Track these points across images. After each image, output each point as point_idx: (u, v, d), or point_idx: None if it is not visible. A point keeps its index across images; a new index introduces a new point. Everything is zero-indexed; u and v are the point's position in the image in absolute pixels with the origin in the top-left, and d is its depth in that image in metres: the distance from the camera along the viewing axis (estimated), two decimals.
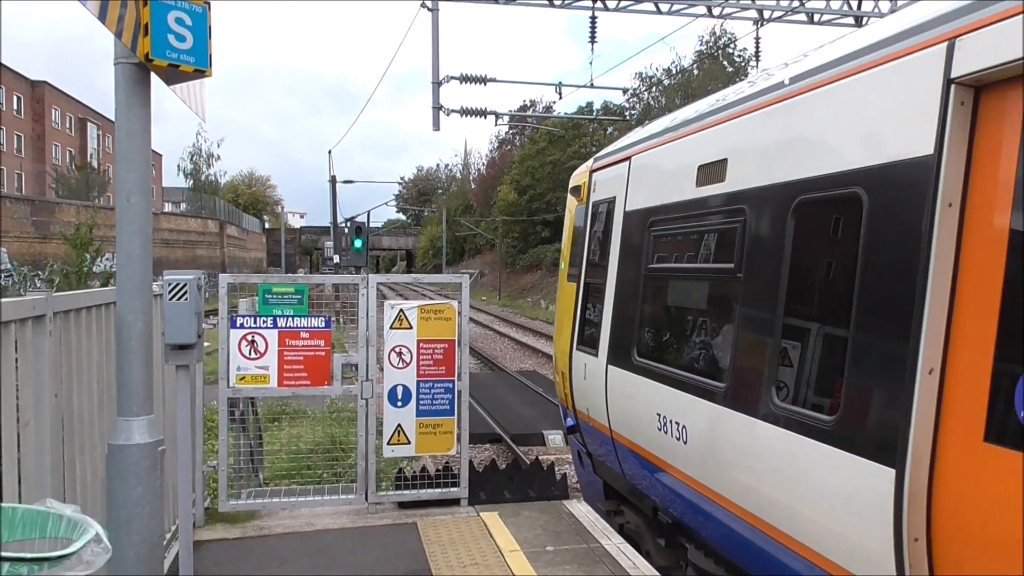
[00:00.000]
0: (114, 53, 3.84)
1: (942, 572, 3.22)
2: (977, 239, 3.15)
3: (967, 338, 3.14)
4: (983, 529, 3.02)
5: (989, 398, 3.01)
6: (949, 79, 3.22)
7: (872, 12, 18.29)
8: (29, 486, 3.53)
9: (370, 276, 6.79)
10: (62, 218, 39.80)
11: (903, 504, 3.24)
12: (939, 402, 3.23)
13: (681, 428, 5.26)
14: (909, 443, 3.22)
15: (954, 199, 3.20)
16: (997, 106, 3.13)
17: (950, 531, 3.17)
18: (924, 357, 3.21)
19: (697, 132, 5.58)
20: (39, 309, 3.67)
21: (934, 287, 3.20)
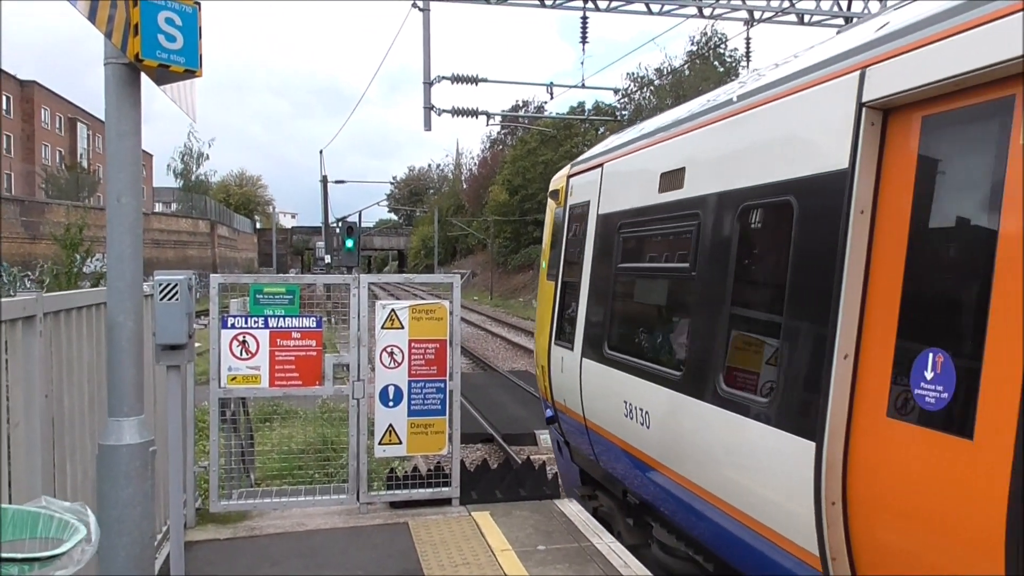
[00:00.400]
0: (104, 53, 3.83)
1: (856, 531, 3.65)
2: (884, 242, 3.61)
3: (875, 327, 3.59)
4: (888, 492, 3.46)
5: (891, 379, 3.46)
6: (861, 103, 3.71)
7: (862, 13, 18.38)
8: (19, 487, 3.53)
9: (361, 276, 6.80)
10: (52, 218, 39.61)
11: (822, 473, 3.70)
12: (853, 384, 3.67)
13: (644, 414, 5.75)
14: (827, 419, 3.68)
15: (866, 207, 3.67)
16: (902, 127, 3.61)
17: (862, 495, 3.62)
18: (840, 344, 3.66)
19: (660, 142, 6.06)
20: (29, 309, 3.67)
21: (848, 283, 3.67)
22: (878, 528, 3.57)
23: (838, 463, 3.68)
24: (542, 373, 8.56)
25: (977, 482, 3.00)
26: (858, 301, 3.67)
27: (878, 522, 3.56)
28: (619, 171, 6.86)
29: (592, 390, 6.93)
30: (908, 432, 3.36)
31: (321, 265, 39.56)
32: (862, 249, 3.67)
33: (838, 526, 3.71)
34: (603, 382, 6.65)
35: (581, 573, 5.55)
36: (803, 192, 4.12)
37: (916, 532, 3.37)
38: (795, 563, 4.03)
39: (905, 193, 3.54)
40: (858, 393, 3.65)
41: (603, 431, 6.68)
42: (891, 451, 3.45)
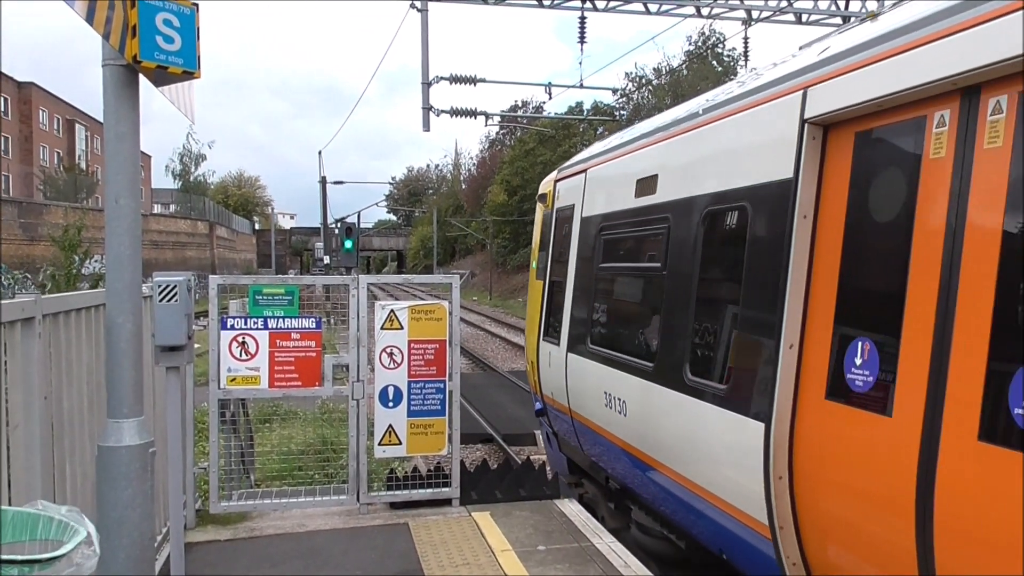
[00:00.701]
0: (102, 55, 3.83)
1: (801, 502, 4.11)
2: (823, 244, 4.06)
3: (816, 319, 4.05)
4: (827, 466, 3.92)
5: (829, 365, 3.91)
6: (804, 119, 4.13)
7: (859, 12, 18.39)
8: (19, 489, 3.53)
9: (361, 277, 6.79)
10: (50, 220, 39.57)
11: (770, 450, 4.13)
12: (797, 370, 4.11)
13: (621, 402, 6.22)
14: (774, 402, 4.11)
15: (808, 212, 4.12)
16: (839, 141, 4.05)
17: (805, 470, 4.06)
18: (786, 335, 4.11)
19: (637, 150, 6.50)
20: (28, 311, 3.66)
21: (793, 281, 4.11)
22: (819, 499, 4.00)
23: (784, 442, 4.13)
24: (532, 368, 9.00)
25: (894, 453, 3.44)
26: (802, 296, 4.12)
27: (819, 494, 4.00)
28: (601, 176, 7.31)
29: (576, 382, 7.35)
30: (842, 412, 3.80)
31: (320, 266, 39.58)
32: (805, 250, 4.13)
33: (785, 498, 4.15)
34: (586, 375, 7.08)
35: (581, 573, 5.55)
36: (755, 198, 4.56)
37: (849, 500, 3.81)
38: (750, 534, 4.44)
39: (841, 200, 3.99)
40: (802, 378, 4.10)
41: (586, 421, 7.13)
42: (829, 430, 3.91)
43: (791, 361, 4.10)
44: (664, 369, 5.51)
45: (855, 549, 3.80)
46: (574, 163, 8.39)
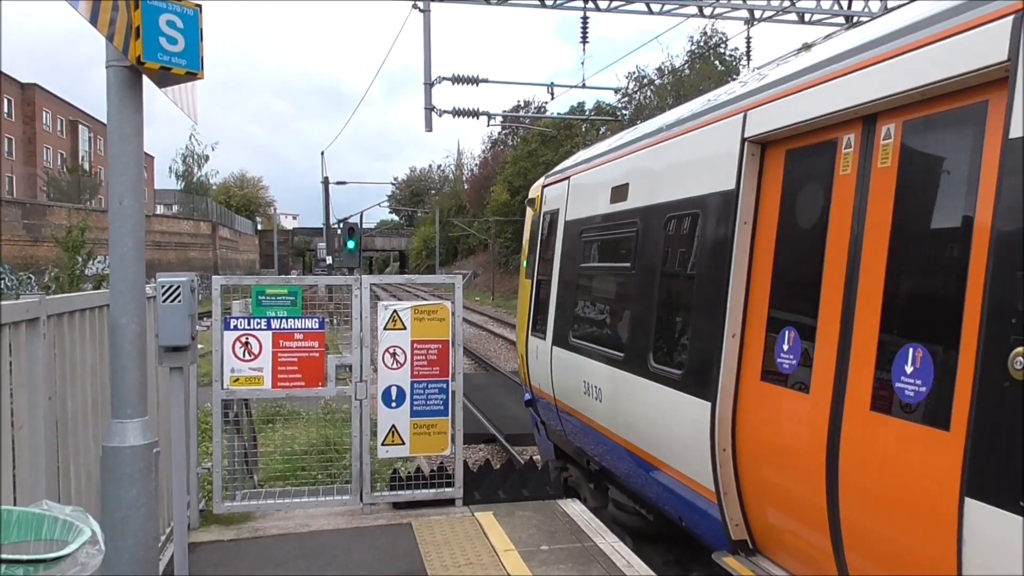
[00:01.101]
0: (106, 56, 3.84)
1: (743, 470, 4.72)
2: (761, 246, 4.66)
3: (754, 312, 4.66)
4: (762, 438, 4.53)
5: (763, 352, 4.51)
6: (744, 138, 4.74)
7: (862, 12, 18.37)
8: (24, 489, 3.54)
9: (363, 277, 6.80)
10: (53, 221, 39.60)
11: (716, 426, 4.75)
12: (739, 356, 4.72)
13: (598, 390, 6.84)
14: (719, 384, 4.74)
15: (748, 219, 4.73)
16: (773, 157, 4.65)
17: (746, 441, 4.67)
18: (729, 326, 4.74)
19: (612, 160, 7.12)
20: (33, 312, 3.67)
21: (735, 278, 4.73)
22: (757, 467, 4.63)
23: (728, 418, 4.76)
24: (522, 361, 9.73)
25: (811, 423, 4.07)
26: (742, 292, 4.74)
27: (756, 462, 4.63)
28: (582, 183, 7.92)
29: (560, 373, 8.00)
30: (773, 391, 4.44)
31: (323, 266, 39.57)
32: (745, 251, 4.74)
33: (728, 467, 4.79)
34: (568, 366, 7.71)
35: (584, 573, 5.55)
36: (705, 206, 5.18)
37: (779, 466, 4.43)
38: (701, 500, 5.07)
39: (774, 208, 4.59)
40: (743, 363, 4.71)
41: (569, 408, 7.81)
42: (763, 407, 4.54)
43: (733, 348, 4.75)
44: (632, 358, 6.16)
45: (783, 508, 4.45)
46: (559, 170, 9.04)
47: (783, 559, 4.59)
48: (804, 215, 4.38)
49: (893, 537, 3.52)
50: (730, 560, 4.78)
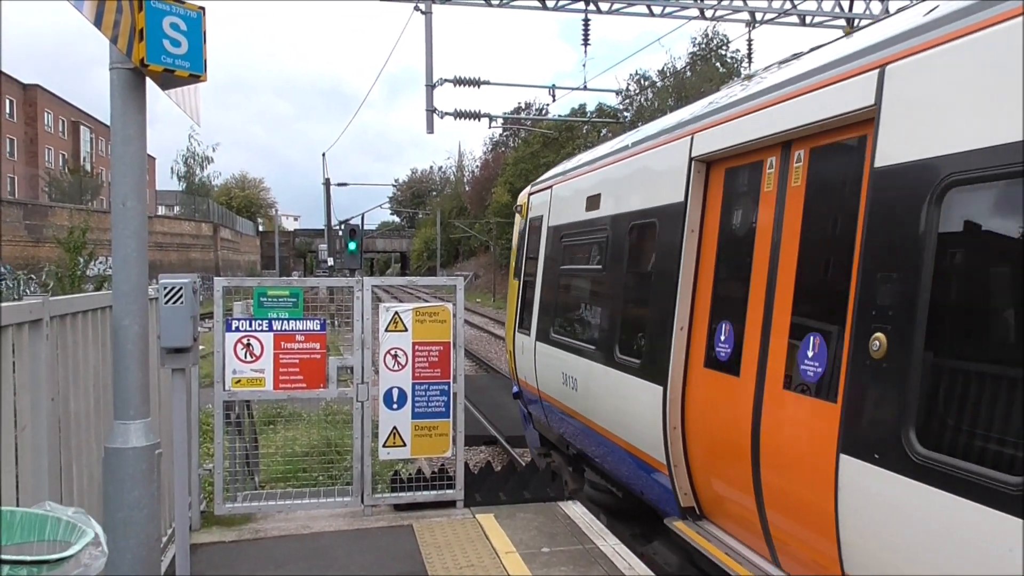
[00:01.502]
0: (109, 58, 3.86)
1: (691, 445, 5.41)
2: (705, 251, 5.40)
3: (699, 308, 5.39)
4: (706, 417, 5.20)
5: (706, 342, 5.24)
6: (691, 157, 5.49)
7: (863, 14, 18.38)
8: (26, 490, 3.54)
9: (365, 279, 6.80)
10: (55, 222, 39.59)
11: (667, 407, 5.47)
12: (687, 347, 5.44)
13: (574, 380, 7.52)
14: (669, 371, 5.46)
15: (695, 227, 5.47)
16: (715, 174, 5.40)
17: (692, 420, 5.38)
18: (678, 320, 5.48)
19: (589, 172, 7.88)
20: (36, 313, 3.68)
21: (683, 278, 5.47)
22: (701, 442, 5.29)
23: (677, 400, 5.47)
24: (510, 357, 10.49)
25: (740, 402, 4.71)
26: (690, 290, 5.47)
27: (701, 438, 5.30)
28: (563, 193, 8.67)
29: (542, 366, 8.70)
30: (714, 376, 5.14)
31: (324, 268, 39.56)
32: (692, 256, 5.47)
33: (678, 443, 5.48)
34: (549, 359, 8.41)
35: (585, 574, 5.56)
36: (661, 216, 5.89)
37: (717, 441, 5.04)
38: (656, 473, 5.76)
39: (716, 218, 5.32)
40: (690, 352, 5.43)
41: (550, 398, 8.49)
42: (706, 389, 5.23)
43: (682, 340, 5.48)
44: (602, 350, 6.89)
45: (722, 477, 5.11)
46: (544, 179, 9.86)
47: (723, 522, 5.28)
48: (739, 225, 5.13)
49: (794, 491, 4.21)
50: (679, 524, 5.49)
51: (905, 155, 3.53)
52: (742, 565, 4.72)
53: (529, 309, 9.36)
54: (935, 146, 3.36)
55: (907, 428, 3.34)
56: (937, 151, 3.34)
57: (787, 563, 4.50)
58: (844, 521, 3.70)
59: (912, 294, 3.37)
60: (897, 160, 3.57)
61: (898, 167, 3.56)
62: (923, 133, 3.46)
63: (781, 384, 4.37)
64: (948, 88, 3.36)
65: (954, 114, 3.31)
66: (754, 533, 4.77)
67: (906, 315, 3.40)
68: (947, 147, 3.29)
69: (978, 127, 3.16)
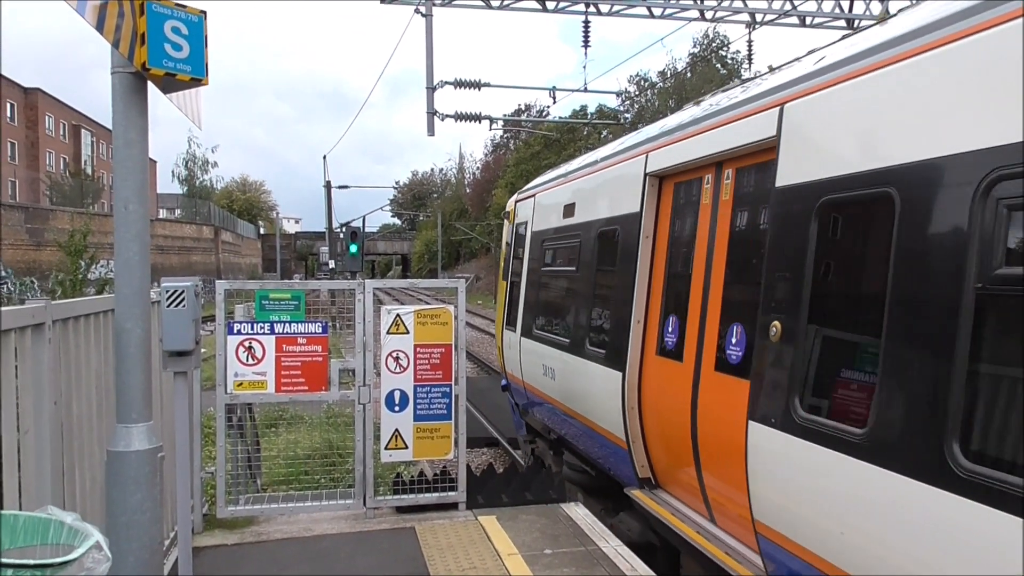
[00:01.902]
0: (111, 62, 3.86)
1: (647, 424, 6.19)
2: (657, 255, 6.23)
3: (653, 304, 6.20)
4: (658, 398, 5.99)
5: (658, 333, 6.05)
6: (646, 172, 6.32)
7: (863, 15, 18.38)
8: (29, 493, 3.54)
9: (366, 281, 6.80)
10: (56, 225, 39.63)
11: (625, 390, 6.27)
12: (643, 338, 6.23)
13: (552, 371, 8.37)
14: (627, 359, 6.28)
15: (649, 234, 6.30)
16: (667, 188, 6.22)
17: (647, 401, 6.16)
18: (635, 315, 6.28)
19: (566, 183, 8.78)
20: (38, 317, 3.69)
21: (639, 278, 6.31)
22: (654, 420, 6.07)
23: (635, 384, 6.26)
24: (499, 352, 11.40)
25: (682, 384, 5.50)
26: (645, 289, 6.27)
27: (654, 416, 6.07)
28: (544, 201, 9.58)
29: (527, 359, 9.49)
30: (663, 362, 5.95)
31: (325, 270, 39.58)
32: (647, 258, 6.31)
33: (635, 422, 6.27)
34: (532, 352, 9.22)
35: (588, 575, 5.56)
36: (623, 223, 6.71)
37: (668, 419, 5.78)
38: (618, 449, 6.53)
39: (666, 226, 6.15)
40: (645, 343, 6.22)
41: (533, 388, 9.29)
42: (658, 374, 6.00)
43: (638, 332, 6.28)
44: (575, 343, 7.65)
45: (670, 449, 5.86)
46: (528, 188, 10.77)
47: (674, 489, 6.10)
48: (683, 233, 5.94)
49: (720, 456, 4.97)
50: (637, 493, 6.31)
51: (796, 178, 4.28)
52: (685, 523, 5.54)
53: (515, 307, 10.19)
54: (816, 171, 4.10)
55: (794, 397, 4.07)
56: (817, 176, 4.09)
57: (720, 519, 5.32)
58: (752, 476, 4.42)
59: (798, 289, 4.15)
60: (790, 181, 4.32)
61: (790, 187, 4.32)
62: (808, 160, 4.21)
63: (713, 366, 5.20)
64: (824, 124, 4.16)
65: (828, 146, 4.11)
66: (695, 496, 5.59)
67: (794, 306, 4.17)
68: (823, 173, 4.04)
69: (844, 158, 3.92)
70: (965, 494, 2.96)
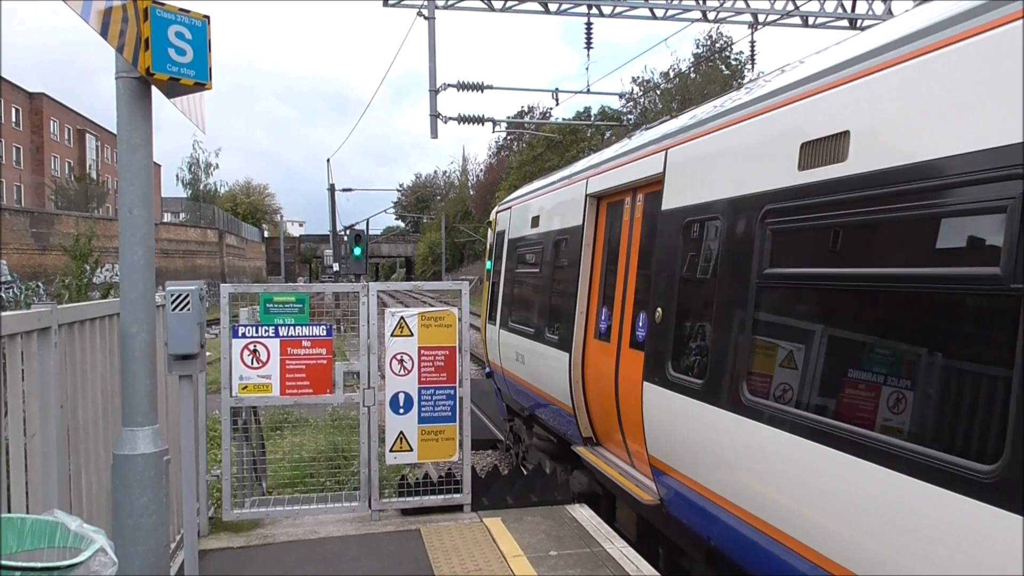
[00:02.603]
0: (115, 67, 3.88)
1: (588, 394, 7.53)
2: (596, 260, 7.59)
3: (593, 298, 7.59)
4: (595, 374, 7.29)
5: (595, 322, 7.44)
6: (587, 194, 7.76)
7: (866, 15, 18.36)
8: (36, 496, 3.56)
9: (370, 284, 6.81)
10: (61, 229, 39.74)
11: (571, 367, 7.64)
12: (585, 325, 7.64)
13: (522, 356, 9.83)
14: (572, 342, 7.67)
15: (589, 243, 7.73)
16: (603, 206, 7.62)
17: (588, 375, 7.50)
18: (579, 307, 7.69)
19: (534, 198, 10.43)
20: (44, 321, 3.70)
21: (582, 279, 7.70)
22: (593, 390, 7.43)
23: (579, 362, 7.66)
24: (483, 343, 13.10)
25: (610, 360, 6.85)
26: (587, 286, 7.71)
27: (593, 387, 7.43)
28: (518, 212, 11.12)
29: (504, 349, 10.88)
30: (599, 344, 7.30)
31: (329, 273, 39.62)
32: (588, 262, 7.73)
33: (580, 393, 7.66)
34: (508, 342, 10.69)
35: None
36: (571, 234, 8.19)
37: (601, 389, 7.11)
38: (568, 416, 7.97)
39: (602, 237, 7.59)
40: (588, 329, 7.64)
41: (509, 373, 10.74)
42: (595, 353, 7.39)
43: (581, 320, 7.71)
44: (538, 332, 9.08)
45: (603, 412, 7.22)
46: (507, 200, 12.50)
47: (608, 444, 7.46)
48: (613, 242, 7.35)
49: (631, 411, 6.31)
50: (581, 449, 7.67)
51: (673, 203, 5.79)
52: (612, 468, 6.89)
53: (495, 304, 11.76)
54: (683, 199, 5.64)
55: (668, 361, 5.53)
56: (683, 203, 5.62)
57: (635, 462, 6.64)
58: (646, 422, 5.85)
59: (672, 283, 5.68)
60: (670, 206, 5.83)
61: (670, 209, 5.81)
62: (679, 191, 5.75)
63: (628, 344, 6.59)
64: (688, 166, 5.70)
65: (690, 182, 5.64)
66: (620, 446, 6.95)
67: (670, 296, 5.68)
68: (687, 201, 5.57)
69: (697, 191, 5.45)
70: (749, 416, 4.43)
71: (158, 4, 3.76)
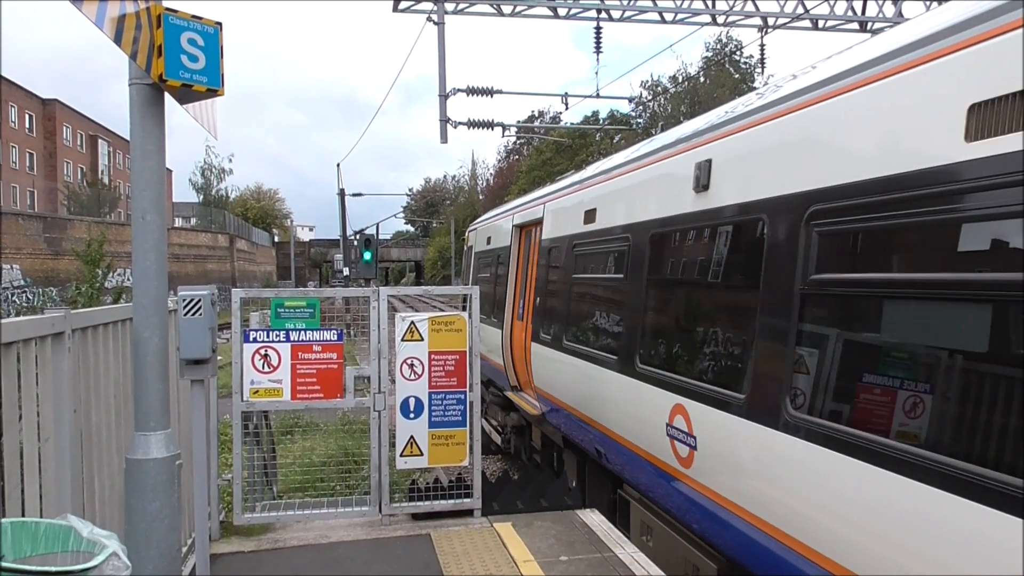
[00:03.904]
0: (128, 74, 3.91)
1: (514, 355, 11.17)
2: (519, 268, 11.54)
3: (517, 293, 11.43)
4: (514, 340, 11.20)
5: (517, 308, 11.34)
6: (513, 224, 11.90)
7: (876, 17, 18.30)
8: (49, 501, 3.58)
9: (381, 289, 6.83)
10: (74, 234, 39.96)
11: (503, 338, 11.62)
12: (512, 311, 11.50)
13: (492, 341, 12.03)
14: (504, 322, 11.64)
15: (516, 257, 11.74)
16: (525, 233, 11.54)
17: (513, 343, 11.25)
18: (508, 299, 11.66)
19: (488, 223, 14.57)
20: (58, 326, 3.73)
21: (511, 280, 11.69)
22: (514, 352, 11.02)
23: (508, 335, 11.38)
24: None
25: (521, 331, 10.69)
26: (515, 285, 11.35)
27: (515, 351, 10.93)
28: (479, 233, 15.24)
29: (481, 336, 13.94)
30: (519, 324, 10.82)
31: (339, 278, 39.68)
32: (515, 269, 11.48)
33: (507, 355, 11.35)
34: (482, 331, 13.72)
35: None
36: (503, 252, 12.29)
37: (517, 350, 10.83)
38: (502, 373, 11.57)
39: (523, 255, 11.30)
40: (513, 314, 11.24)
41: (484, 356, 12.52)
42: (516, 329, 11.00)
43: (510, 308, 11.27)
44: (487, 317, 11.98)
45: (518, 365, 10.75)
46: (476, 223, 16.77)
47: (524, 388, 10.68)
48: (524, 258, 11.03)
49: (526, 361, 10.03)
50: (509, 393, 11.10)
51: (545, 236, 9.62)
52: (522, 400, 10.36)
53: None
54: (554, 233, 9.28)
55: (540, 328, 9.28)
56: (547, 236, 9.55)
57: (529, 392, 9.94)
58: (533, 366, 9.64)
59: (543, 280, 9.41)
60: (545, 237, 9.61)
61: (545, 240, 9.57)
62: (550, 230, 9.48)
63: (530, 321, 9.94)
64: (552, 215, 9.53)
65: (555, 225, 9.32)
66: (528, 387, 10.27)
67: (541, 290, 9.32)
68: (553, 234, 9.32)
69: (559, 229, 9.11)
70: (568, 353, 8.09)
71: (171, 11, 3.79)
